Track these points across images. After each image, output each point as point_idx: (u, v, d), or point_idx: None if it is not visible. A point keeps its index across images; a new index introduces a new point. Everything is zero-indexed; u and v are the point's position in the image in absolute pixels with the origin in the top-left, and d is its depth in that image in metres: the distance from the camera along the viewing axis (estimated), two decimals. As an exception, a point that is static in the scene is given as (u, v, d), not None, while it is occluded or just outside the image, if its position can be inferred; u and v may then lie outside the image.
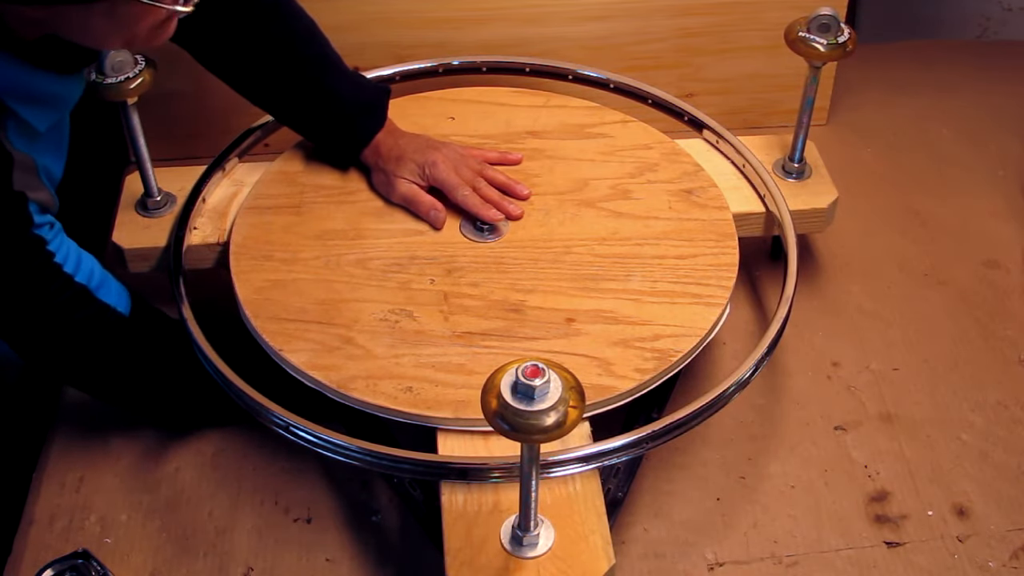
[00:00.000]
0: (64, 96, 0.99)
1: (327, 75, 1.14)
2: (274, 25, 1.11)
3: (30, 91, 0.92)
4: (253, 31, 1.11)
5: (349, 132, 1.15)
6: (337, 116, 1.15)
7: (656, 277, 1.08)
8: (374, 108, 1.16)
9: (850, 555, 1.04)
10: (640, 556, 1.04)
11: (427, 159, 1.14)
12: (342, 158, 1.19)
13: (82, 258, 0.99)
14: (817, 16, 1.15)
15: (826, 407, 1.17)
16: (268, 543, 1.05)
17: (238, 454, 1.12)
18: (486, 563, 0.88)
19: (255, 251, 1.11)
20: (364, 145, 1.16)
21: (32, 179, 0.95)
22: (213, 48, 1.12)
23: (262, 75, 1.14)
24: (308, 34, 1.14)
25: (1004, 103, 1.56)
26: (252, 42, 1.11)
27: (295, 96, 1.15)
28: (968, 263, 1.33)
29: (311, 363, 1.00)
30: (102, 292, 1.00)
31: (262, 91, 1.16)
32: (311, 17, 1.14)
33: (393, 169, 1.14)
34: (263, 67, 1.13)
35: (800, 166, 1.25)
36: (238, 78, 1.15)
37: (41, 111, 0.95)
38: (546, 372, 0.74)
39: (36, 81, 0.92)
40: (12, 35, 0.88)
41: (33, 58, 0.90)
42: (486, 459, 0.95)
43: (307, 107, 1.15)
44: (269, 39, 1.11)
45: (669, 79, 1.43)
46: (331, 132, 1.16)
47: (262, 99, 1.17)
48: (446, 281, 1.08)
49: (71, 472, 1.10)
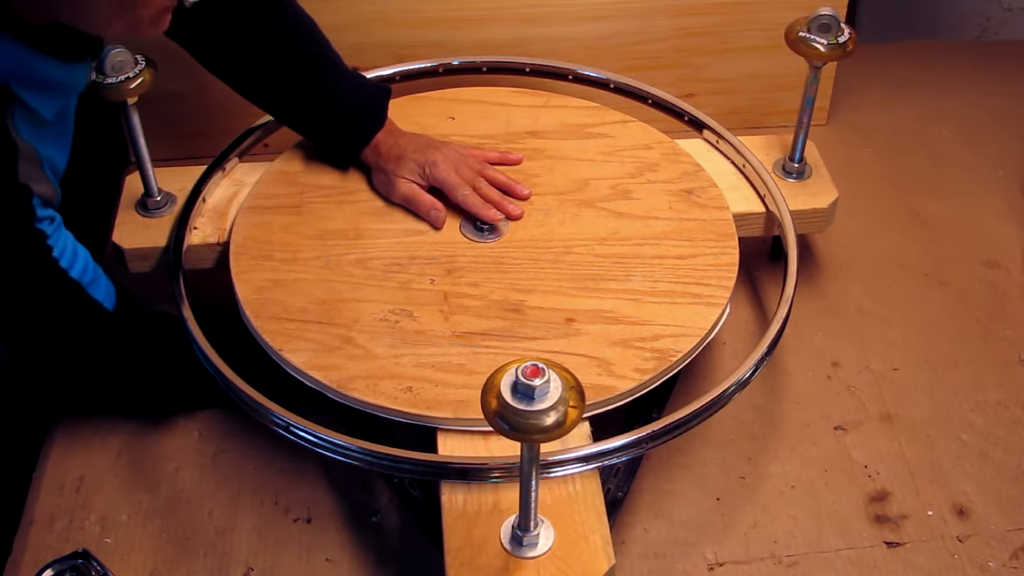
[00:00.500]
0: (70, 83, 0.99)
1: (328, 74, 1.14)
2: (275, 24, 1.12)
3: (37, 77, 0.92)
4: (254, 30, 1.11)
5: (349, 131, 1.15)
6: (338, 115, 1.15)
7: (656, 277, 1.08)
8: (375, 107, 1.16)
9: (850, 555, 1.04)
10: (640, 556, 1.04)
11: (427, 159, 1.14)
12: (342, 157, 1.19)
13: (77, 252, 1.00)
14: (817, 16, 1.15)
15: (826, 407, 1.17)
16: (268, 543, 1.05)
17: (238, 454, 1.12)
18: (486, 563, 0.88)
19: (255, 251, 1.11)
20: (364, 144, 1.16)
21: (36, 171, 0.95)
22: (214, 47, 1.12)
23: (263, 74, 1.14)
24: (309, 33, 1.14)
25: (1004, 103, 1.56)
26: (253, 41, 1.11)
27: (295, 95, 1.15)
28: (968, 263, 1.33)
29: (311, 363, 1.00)
30: (92, 288, 1.00)
31: (262, 90, 1.16)
32: (311, 17, 1.14)
33: (393, 169, 1.14)
34: (264, 66, 1.13)
35: (800, 166, 1.25)
36: (239, 78, 1.15)
37: (48, 98, 0.95)
38: (546, 372, 0.74)
39: (42, 67, 0.92)
40: (19, 21, 0.88)
41: (39, 44, 0.90)
42: (486, 459, 0.95)
43: (307, 106, 1.15)
44: (270, 38, 1.11)
45: (669, 79, 1.43)
46: (331, 131, 1.16)
47: (262, 99, 1.17)
48: (446, 281, 1.08)
49: (71, 472, 1.10)
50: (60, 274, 0.97)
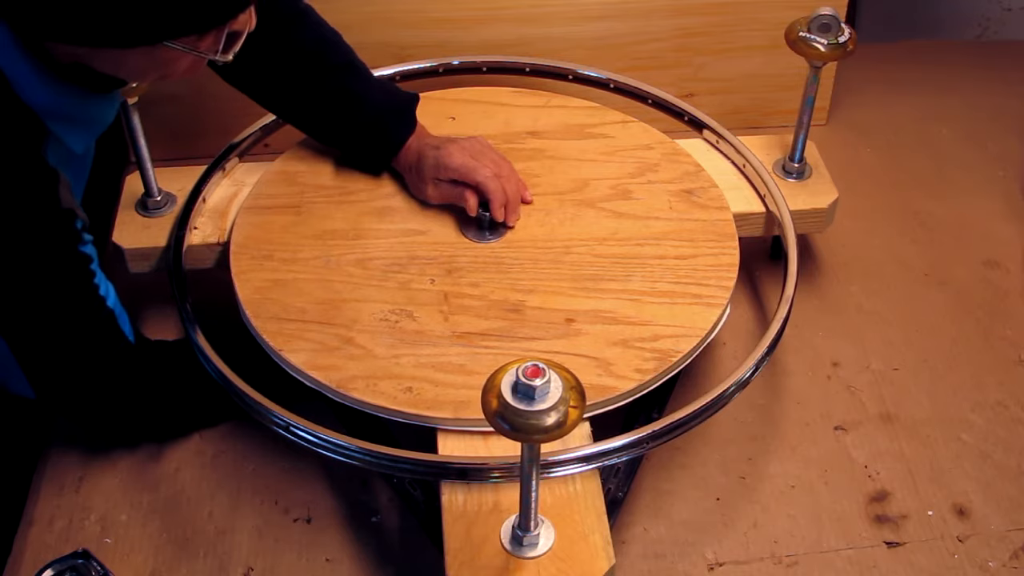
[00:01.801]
0: (99, 118, 1.00)
1: (357, 82, 1.14)
2: (301, 34, 1.12)
3: (69, 112, 0.93)
4: (280, 41, 1.10)
5: (382, 138, 1.15)
6: (369, 122, 1.14)
7: (656, 277, 1.08)
8: (405, 113, 1.15)
9: (850, 555, 1.04)
10: (640, 556, 1.04)
11: (443, 151, 1.12)
12: (374, 165, 1.18)
13: (109, 284, 0.99)
14: (817, 16, 1.15)
15: (826, 407, 1.17)
16: (268, 543, 1.05)
17: (238, 454, 1.12)
18: (486, 563, 0.88)
19: (255, 251, 1.11)
20: (396, 151, 1.15)
21: (72, 197, 0.95)
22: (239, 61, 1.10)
23: (291, 85, 1.14)
24: (334, 43, 1.14)
25: (1004, 103, 1.57)
26: (279, 53, 1.11)
27: (325, 105, 1.14)
28: (968, 263, 1.33)
29: (311, 363, 1.00)
30: (120, 320, 1.00)
31: (291, 102, 1.16)
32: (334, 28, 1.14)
33: (421, 171, 1.13)
34: (292, 77, 1.13)
35: (800, 166, 1.25)
36: (266, 91, 1.15)
37: (78, 133, 0.96)
38: (546, 372, 0.74)
39: (74, 102, 0.93)
40: (50, 58, 0.88)
41: (71, 78, 0.91)
42: (486, 459, 0.95)
43: (338, 115, 1.14)
44: (297, 49, 1.11)
45: (669, 79, 1.43)
46: (363, 139, 1.15)
47: (290, 110, 1.17)
48: (446, 281, 1.08)
49: (71, 472, 1.10)
50: (99, 301, 0.97)
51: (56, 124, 0.92)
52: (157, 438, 1.12)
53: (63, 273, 0.93)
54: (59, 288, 0.93)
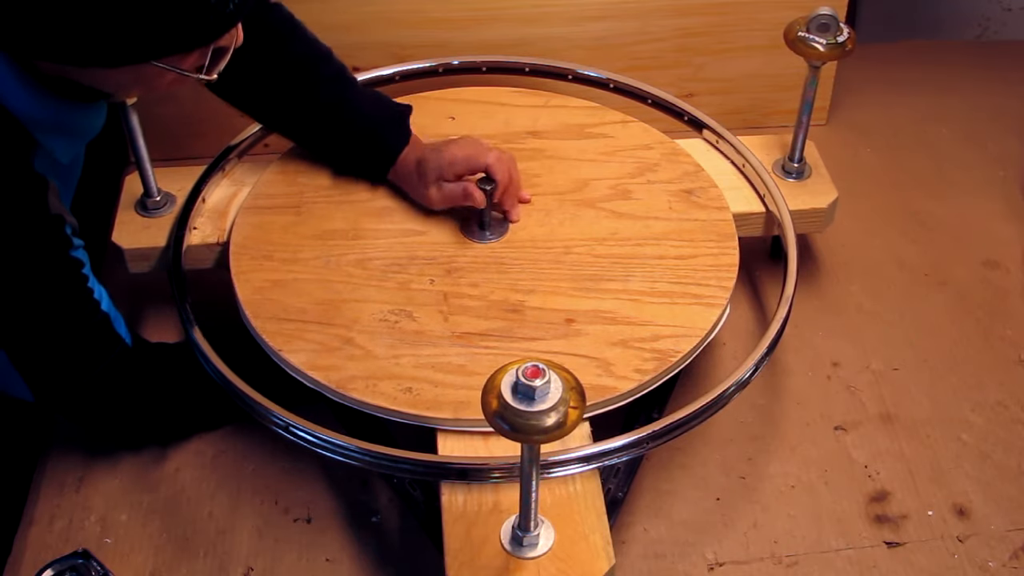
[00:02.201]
0: (86, 128, 1.00)
1: (349, 94, 1.14)
2: (292, 48, 1.12)
3: (56, 123, 0.93)
4: (271, 55, 1.11)
5: (377, 149, 1.14)
6: (363, 134, 1.14)
7: (656, 277, 1.08)
8: (399, 124, 1.15)
9: (850, 555, 1.04)
10: (640, 556, 1.04)
11: (445, 149, 1.11)
12: (371, 175, 1.17)
13: (102, 288, 0.99)
14: (817, 16, 1.15)
15: (826, 407, 1.17)
16: (268, 543, 1.05)
17: (238, 454, 1.11)
18: (486, 563, 0.88)
19: (255, 251, 1.11)
20: (392, 161, 1.14)
21: (61, 204, 0.95)
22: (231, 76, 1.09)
23: (284, 99, 1.14)
24: (326, 56, 1.15)
25: (1004, 103, 1.56)
26: (271, 66, 1.11)
27: (319, 117, 1.14)
28: (968, 263, 1.33)
29: (311, 363, 1.00)
30: (116, 323, 1.00)
31: (285, 116, 1.16)
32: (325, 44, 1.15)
33: (421, 177, 1.12)
34: (284, 90, 1.13)
35: (800, 166, 1.25)
36: (259, 105, 1.15)
37: (66, 143, 0.96)
38: (546, 372, 0.74)
39: (60, 112, 0.93)
40: (37, 71, 0.89)
41: (57, 90, 0.91)
42: (486, 459, 0.95)
43: (332, 127, 1.14)
44: (288, 62, 1.12)
45: (669, 79, 1.43)
46: (358, 151, 1.15)
47: (285, 124, 1.17)
48: (446, 281, 1.08)
49: (71, 472, 1.10)
50: (94, 305, 0.97)
51: (43, 135, 0.92)
52: (158, 441, 1.12)
53: (55, 278, 0.93)
54: (52, 293, 0.93)
